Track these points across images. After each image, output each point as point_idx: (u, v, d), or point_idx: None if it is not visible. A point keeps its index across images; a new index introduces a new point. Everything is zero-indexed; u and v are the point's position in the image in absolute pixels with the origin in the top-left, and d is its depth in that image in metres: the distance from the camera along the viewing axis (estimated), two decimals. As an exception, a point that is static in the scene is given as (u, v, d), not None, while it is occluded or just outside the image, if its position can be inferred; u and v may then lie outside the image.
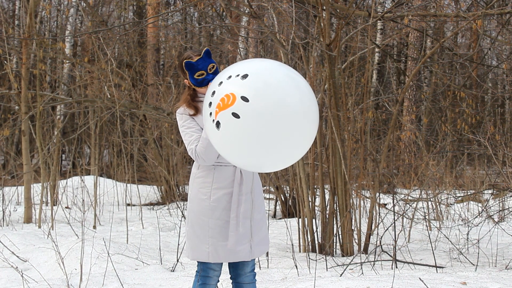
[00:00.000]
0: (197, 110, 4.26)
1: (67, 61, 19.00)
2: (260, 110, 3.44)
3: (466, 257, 8.18)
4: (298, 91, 3.55)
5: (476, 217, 9.91)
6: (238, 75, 3.50)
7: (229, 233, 4.16)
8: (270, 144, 3.51)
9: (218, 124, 3.54)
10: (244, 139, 3.53)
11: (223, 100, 3.49)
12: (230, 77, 3.53)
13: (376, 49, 16.76)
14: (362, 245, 8.68)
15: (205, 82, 4.20)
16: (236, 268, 4.40)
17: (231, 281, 4.49)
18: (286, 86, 3.53)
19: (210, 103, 3.59)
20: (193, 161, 4.30)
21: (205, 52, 4.21)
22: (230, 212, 4.17)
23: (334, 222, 8.59)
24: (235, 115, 3.45)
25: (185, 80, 4.31)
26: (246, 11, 10.65)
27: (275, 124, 3.46)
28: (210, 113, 3.59)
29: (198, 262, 4.34)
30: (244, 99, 3.44)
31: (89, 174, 17.12)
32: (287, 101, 3.49)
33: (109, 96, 12.52)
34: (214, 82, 3.65)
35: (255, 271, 4.46)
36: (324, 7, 8.49)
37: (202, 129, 4.18)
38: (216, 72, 4.22)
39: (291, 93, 3.52)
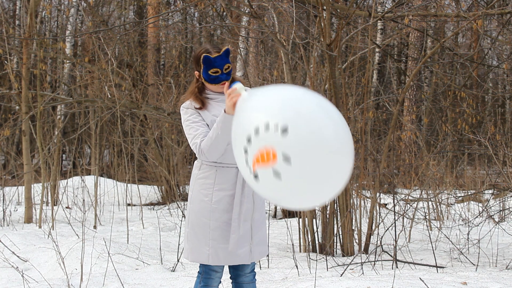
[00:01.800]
0: (203, 104, 4.20)
1: (68, 61, 19.01)
2: (303, 174, 3.20)
3: (466, 257, 8.18)
4: (342, 144, 3.31)
5: (477, 217, 9.91)
6: (277, 127, 3.18)
7: (230, 235, 4.13)
8: (310, 198, 3.36)
9: (256, 176, 3.32)
10: (284, 195, 3.34)
11: (262, 155, 3.24)
12: (268, 126, 3.21)
13: (377, 49, 16.75)
14: (363, 245, 8.68)
15: (217, 81, 4.14)
16: (236, 269, 4.39)
17: (231, 281, 4.48)
18: (329, 138, 3.24)
19: (246, 150, 3.34)
20: (194, 161, 4.28)
21: (224, 51, 4.14)
22: (231, 213, 4.14)
23: (335, 222, 8.59)
24: (277, 174, 3.21)
25: (196, 72, 4.24)
26: (247, 11, 10.65)
27: (317, 185, 3.26)
28: (247, 161, 3.35)
29: (200, 263, 4.32)
30: (286, 158, 3.18)
31: (89, 174, 17.13)
32: (330, 159, 3.24)
33: (109, 96, 12.52)
34: (246, 128, 3.36)
35: (255, 271, 4.45)
36: (325, 7, 8.49)
37: (207, 124, 4.16)
38: (230, 73, 4.17)
39: (335, 147, 3.26)
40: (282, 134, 3.16)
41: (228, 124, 3.83)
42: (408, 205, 10.36)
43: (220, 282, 4.37)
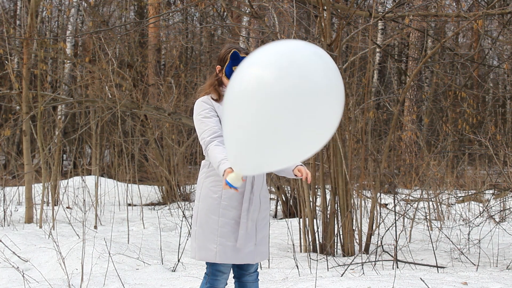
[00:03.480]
0: (220, 97, 4.26)
1: (68, 61, 19.00)
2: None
3: (467, 257, 8.18)
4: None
5: (477, 217, 9.91)
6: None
7: (239, 231, 4.14)
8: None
9: None
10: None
11: None
12: None
13: (377, 49, 16.76)
14: (363, 245, 8.68)
15: None
16: (240, 268, 4.40)
17: (233, 280, 4.48)
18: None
19: None
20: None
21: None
22: (239, 211, 4.15)
23: (335, 222, 8.59)
24: None
25: (218, 67, 4.30)
26: (247, 11, 10.66)
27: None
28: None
29: (207, 264, 4.31)
30: None
31: (90, 174, 17.12)
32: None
33: (110, 96, 12.52)
34: None
35: (258, 271, 4.45)
36: (325, 7, 8.49)
37: (220, 119, 4.17)
38: None
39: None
40: None
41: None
42: (409, 205, 10.36)
43: (227, 284, 4.37)
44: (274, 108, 3.20)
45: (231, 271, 4.44)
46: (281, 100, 3.18)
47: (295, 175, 4.16)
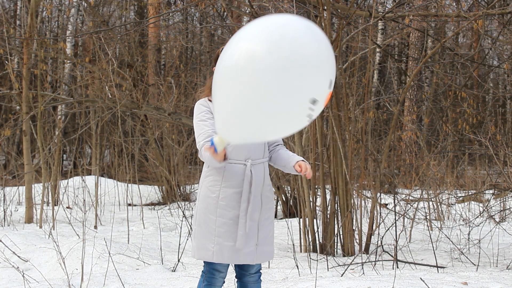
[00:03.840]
0: None
1: (68, 61, 19.01)
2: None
3: (467, 257, 8.18)
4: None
5: (477, 217, 9.92)
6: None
7: (238, 231, 4.14)
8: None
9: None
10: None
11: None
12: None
13: (377, 49, 16.76)
14: (363, 245, 8.68)
15: None
16: (241, 268, 4.40)
17: (235, 279, 4.48)
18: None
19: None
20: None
21: None
22: (238, 211, 4.16)
23: (335, 222, 8.59)
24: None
25: (214, 68, 4.31)
26: (247, 11, 10.66)
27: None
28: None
29: (204, 262, 4.32)
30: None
31: (90, 174, 17.12)
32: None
33: (110, 96, 12.52)
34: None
35: (261, 271, 4.45)
36: (325, 7, 8.49)
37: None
38: None
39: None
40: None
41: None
42: (409, 205, 10.36)
43: (224, 282, 4.38)
44: (264, 81, 3.26)
45: (232, 271, 4.44)
46: (271, 73, 3.24)
47: (296, 170, 4.18)
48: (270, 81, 3.26)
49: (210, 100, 4.28)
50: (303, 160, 4.19)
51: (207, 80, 4.45)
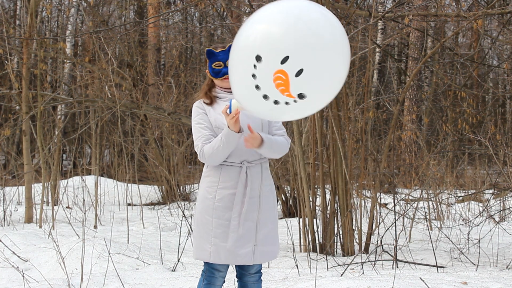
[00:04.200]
0: (211, 101, 4.33)
1: (68, 61, 19.00)
2: (319, 98, 3.54)
3: (467, 257, 8.18)
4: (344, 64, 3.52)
5: (477, 217, 9.91)
6: (292, 71, 3.41)
7: (229, 233, 4.17)
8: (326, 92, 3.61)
9: (287, 103, 3.54)
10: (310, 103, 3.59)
11: (281, 78, 3.46)
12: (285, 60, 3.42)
13: (377, 49, 16.75)
14: (363, 245, 8.68)
15: (220, 74, 4.25)
16: (241, 268, 4.42)
17: (235, 279, 4.49)
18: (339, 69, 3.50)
19: (257, 86, 3.52)
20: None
21: (230, 45, 4.23)
22: (231, 212, 4.18)
23: (335, 222, 8.59)
24: (301, 96, 3.47)
25: (207, 71, 4.35)
26: (247, 11, 10.65)
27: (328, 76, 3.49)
28: (257, 86, 3.53)
29: (204, 262, 4.35)
30: (301, 96, 3.46)
31: (90, 174, 17.13)
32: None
33: (109, 96, 12.51)
34: (243, 61, 3.55)
35: (261, 271, 4.46)
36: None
37: (212, 125, 4.26)
38: None
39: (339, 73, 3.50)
40: (296, 75, 3.41)
41: (231, 140, 4.05)
42: (409, 205, 10.36)
43: (224, 281, 4.39)
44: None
45: (233, 270, 4.45)
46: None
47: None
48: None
49: (205, 103, 4.33)
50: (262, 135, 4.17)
51: (203, 84, 4.49)
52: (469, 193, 13.58)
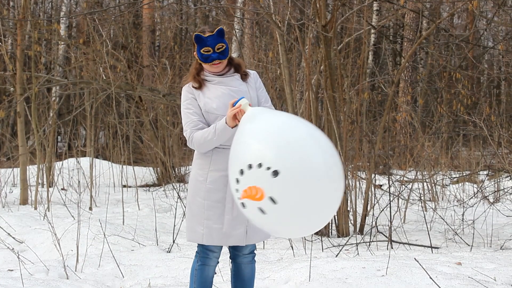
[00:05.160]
0: (200, 85, 4.30)
1: (62, 43, 18.93)
2: (287, 213, 3.47)
3: (461, 238, 8.21)
4: (333, 183, 3.53)
5: (472, 198, 9.93)
6: (269, 169, 3.43)
7: (224, 215, 4.17)
8: (298, 230, 3.67)
9: (243, 205, 3.59)
10: (269, 227, 3.67)
11: (251, 190, 3.49)
12: (260, 165, 3.45)
13: (372, 30, 16.73)
14: (358, 226, 8.70)
15: (209, 60, 4.22)
16: (234, 249, 4.42)
17: (229, 260, 4.50)
18: (322, 184, 3.49)
19: (238, 180, 3.58)
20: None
21: (218, 30, 4.21)
22: (225, 193, 4.18)
23: (330, 203, 8.58)
24: (262, 211, 3.49)
25: (195, 53, 4.32)
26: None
27: (302, 220, 3.52)
28: (237, 190, 3.61)
29: (198, 243, 4.35)
30: (273, 200, 3.44)
31: (84, 156, 17.09)
32: (318, 202, 3.48)
33: (104, 78, 12.48)
34: (241, 159, 3.62)
35: (255, 252, 4.47)
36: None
37: (201, 109, 4.25)
38: (224, 53, 4.24)
39: (326, 191, 3.50)
40: (273, 175, 3.42)
41: (225, 134, 4.07)
42: (403, 186, 10.38)
43: (218, 262, 4.40)
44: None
45: (227, 252, 4.46)
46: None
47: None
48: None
49: (194, 87, 4.32)
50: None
51: (191, 66, 4.46)
52: (464, 174, 13.61)
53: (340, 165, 3.56)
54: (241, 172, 3.53)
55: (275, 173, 3.40)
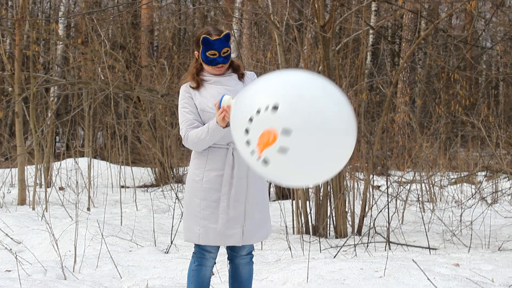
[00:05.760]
0: (199, 85, 4.31)
1: (61, 43, 18.93)
2: (305, 138, 3.36)
3: (459, 239, 8.22)
4: (335, 106, 3.45)
5: (470, 199, 9.95)
6: (267, 108, 3.36)
7: (219, 215, 4.18)
8: (318, 167, 3.51)
9: (265, 162, 3.43)
10: (295, 169, 3.48)
11: (263, 138, 3.38)
12: (259, 111, 3.38)
13: (371, 31, 16.73)
14: (356, 227, 8.70)
15: (214, 63, 4.23)
16: (232, 250, 4.42)
17: (227, 261, 4.50)
18: (322, 102, 3.42)
19: (248, 130, 3.46)
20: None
21: (224, 35, 4.24)
22: (221, 193, 4.19)
23: (328, 204, 8.60)
24: (283, 150, 3.34)
25: (196, 52, 4.33)
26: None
27: (321, 147, 3.40)
28: (248, 142, 3.47)
29: (194, 244, 4.35)
30: (285, 132, 3.33)
31: (83, 156, 17.07)
32: (326, 118, 3.38)
33: (102, 78, 12.47)
34: (241, 117, 3.53)
35: (253, 253, 4.46)
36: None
37: (197, 108, 4.27)
38: (228, 57, 4.26)
39: (329, 110, 3.42)
40: (273, 111, 3.33)
41: (217, 133, 4.08)
42: (401, 187, 10.39)
43: (215, 263, 4.40)
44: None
45: (225, 252, 4.46)
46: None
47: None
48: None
49: (191, 87, 4.33)
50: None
51: (190, 65, 4.46)
52: (462, 175, 13.62)
53: (353, 118, 3.51)
54: (250, 119, 3.43)
55: (275, 108, 3.34)
